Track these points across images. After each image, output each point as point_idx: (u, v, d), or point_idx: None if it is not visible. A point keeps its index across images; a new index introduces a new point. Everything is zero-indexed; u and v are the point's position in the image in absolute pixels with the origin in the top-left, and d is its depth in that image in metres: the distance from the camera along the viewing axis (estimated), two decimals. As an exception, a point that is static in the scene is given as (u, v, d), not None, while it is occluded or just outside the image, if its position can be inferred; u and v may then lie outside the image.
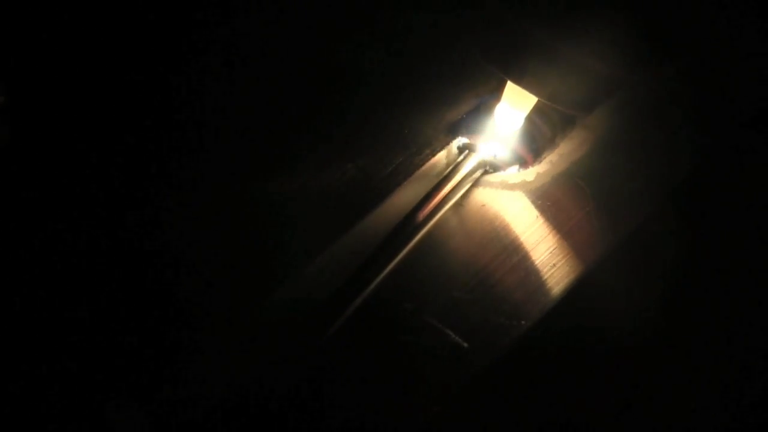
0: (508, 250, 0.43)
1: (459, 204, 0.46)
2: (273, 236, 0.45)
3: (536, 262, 0.43)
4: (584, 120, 0.47)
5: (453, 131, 0.49)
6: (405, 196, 0.46)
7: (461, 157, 0.47)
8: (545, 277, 0.42)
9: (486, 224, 0.45)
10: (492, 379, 0.40)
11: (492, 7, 0.43)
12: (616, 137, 0.47)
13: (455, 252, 0.44)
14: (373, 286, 0.42)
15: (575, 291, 0.41)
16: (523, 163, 0.47)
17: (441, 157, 0.48)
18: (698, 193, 0.45)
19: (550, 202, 0.45)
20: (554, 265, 0.43)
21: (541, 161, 0.47)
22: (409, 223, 0.44)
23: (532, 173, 0.47)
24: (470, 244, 0.44)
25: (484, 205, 0.46)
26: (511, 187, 0.47)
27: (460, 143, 0.48)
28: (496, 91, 0.47)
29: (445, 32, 0.51)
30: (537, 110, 0.46)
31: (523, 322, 0.41)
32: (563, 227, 0.44)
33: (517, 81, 0.43)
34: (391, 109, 0.49)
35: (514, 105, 0.46)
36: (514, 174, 0.47)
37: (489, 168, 0.48)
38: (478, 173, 0.47)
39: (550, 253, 0.43)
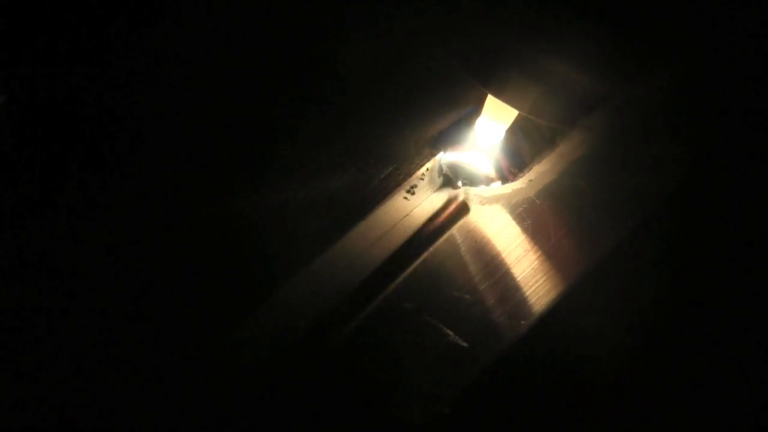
0: (509, 250, 0.44)
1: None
2: (258, 250, 0.45)
3: (536, 263, 0.43)
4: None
5: (437, 143, 0.49)
6: (391, 208, 0.46)
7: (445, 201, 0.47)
8: (545, 277, 0.42)
9: (483, 228, 0.46)
10: (492, 379, 0.40)
11: (472, 20, 0.43)
12: (608, 144, 0.47)
13: (455, 252, 0.44)
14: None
15: (575, 291, 0.42)
16: (506, 176, 0.48)
17: (425, 169, 0.48)
18: (692, 201, 0.45)
19: (550, 202, 0.45)
20: (554, 265, 0.43)
21: (528, 171, 0.47)
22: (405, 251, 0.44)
23: (533, 174, 0.47)
24: (470, 244, 0.45)
25: (485, 205, 0.47)
26: (505, 197, 0.47)
27: (443, 156, 0.49)
28: (480, 101, 0.47)
29: (431, 41, 0.51)
30: (523, 119, 0.46)
31: (522, 322, 0.41)
32: (560, 230, 0.44)
33: (498, 95, 0.43)
34: (375, 122, 0.50)
35: (495, 118, 0.46)
36: (500, 187, 0.48)
37: (470, 182, 0.48)
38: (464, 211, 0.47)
39: (548, 256, 0.43)
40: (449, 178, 0.49)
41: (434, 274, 0.44)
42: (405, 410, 0.40)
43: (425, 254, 0.45)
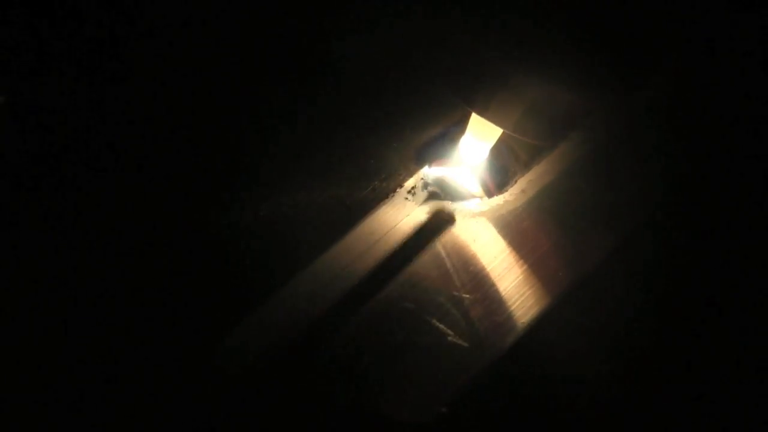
0: (509, 251, 0.44)
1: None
2: (254, 254, 0.45)
3: (535, 264, 0.43)
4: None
5: (421, 158, 0.49)
6: (376, 222, 0.46)
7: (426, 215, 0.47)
8: (545, 277, 0.43)
9: (482, 230, 0.46)
10: (492, 379, 0.40)
11: (455, 39, 0.43)
12: (598, 150, 0.47)
13: (454, 252, 0.45)
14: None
15: (576, 289, 0.42)
16: (490, 191, 0.48)
17: (410, 184, 0.48)
18: (682, 213, 0.45)
19: (538, 212, 0.46)
20: (555, 268, 0.43)
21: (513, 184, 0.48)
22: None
23: (524, 180, 0.47)
24: (470, 245, 0.45)
25: (473, 218, 0.47)
26: (491, 210, 0.47)
27: (428, 171, 0.49)
28: (464, 118, 0.47)
29: (415, 59, 0.51)
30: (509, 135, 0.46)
31: (522, 322, 0.41)
32: (551, 238, 0.45)
33: (482, 113, 0.43)
34: (360, 136, 0.49)
35: (479, 136, 0.46)
36: (484, 201, 0.48)
37: (455, 197, 0.48)
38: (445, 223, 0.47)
39: (547, 257, 0.44)
40: (435, 193, 0.49)
41: (436, 272, 0.44)
42: (404, 410, 0.40)
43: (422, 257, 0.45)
